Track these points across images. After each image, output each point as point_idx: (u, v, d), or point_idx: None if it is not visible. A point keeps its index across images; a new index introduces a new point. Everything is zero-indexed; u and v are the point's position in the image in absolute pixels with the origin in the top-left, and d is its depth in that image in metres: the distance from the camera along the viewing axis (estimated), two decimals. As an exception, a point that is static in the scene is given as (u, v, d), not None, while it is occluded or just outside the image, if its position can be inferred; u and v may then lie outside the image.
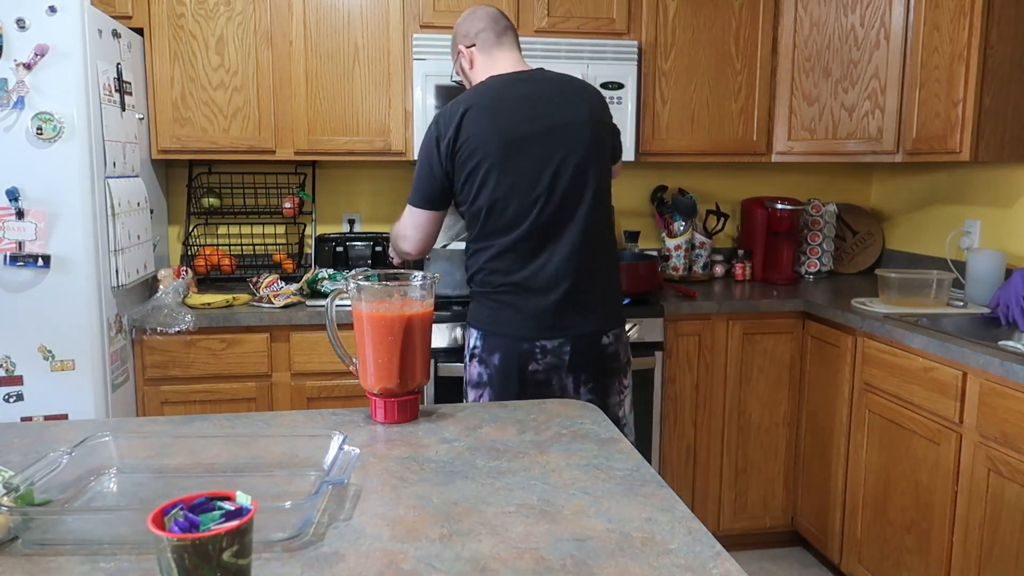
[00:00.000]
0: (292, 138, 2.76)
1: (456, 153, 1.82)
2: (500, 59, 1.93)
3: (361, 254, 2.93)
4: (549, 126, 1.84)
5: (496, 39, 1.94)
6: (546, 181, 1.82)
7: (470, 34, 1.96)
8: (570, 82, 1.93)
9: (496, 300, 1.85)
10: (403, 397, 1.34)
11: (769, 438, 2.83)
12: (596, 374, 1.88)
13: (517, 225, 1.82)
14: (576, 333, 1.85)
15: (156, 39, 2.65)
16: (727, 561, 0.86)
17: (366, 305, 1.31)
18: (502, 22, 1.97)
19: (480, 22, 1.95)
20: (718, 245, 3.36)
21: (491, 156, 1.80)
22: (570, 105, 1.87)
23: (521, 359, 1.83)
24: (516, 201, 1.81)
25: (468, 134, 1.80)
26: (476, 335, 1.89)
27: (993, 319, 2.35)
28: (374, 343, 1.31)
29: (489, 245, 1.85)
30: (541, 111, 1.84)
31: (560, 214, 1.83)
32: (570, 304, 1.84)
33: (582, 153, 1.85)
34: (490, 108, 1.82)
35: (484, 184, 1.81)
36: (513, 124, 1.82)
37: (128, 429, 1.34)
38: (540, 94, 1.86)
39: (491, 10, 1.98)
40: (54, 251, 2.15)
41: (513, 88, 1.86)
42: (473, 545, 0.89)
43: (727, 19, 2.94)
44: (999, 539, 1.93)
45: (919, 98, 2.62)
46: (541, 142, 1.83)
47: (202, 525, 0.71)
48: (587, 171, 1.85)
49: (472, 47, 1.96)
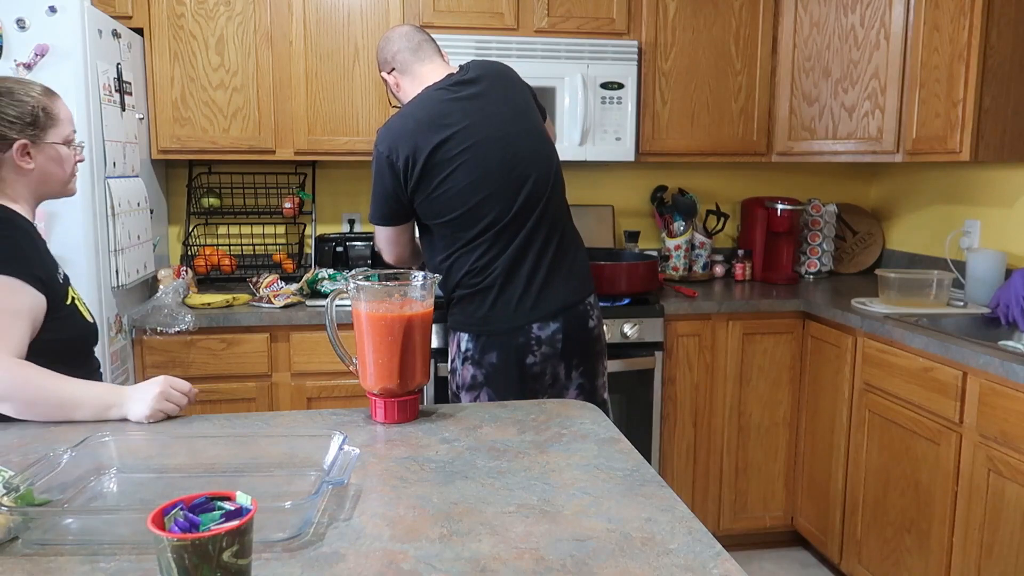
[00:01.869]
0: (292, 138, 2.76)
1: (414, 170, 1.83)
2: (424, 73, 1.94)
3: (361, 254, 2.93)
4: (503, 121, 1.88)
5: (413, 55, 1.95)
6: (515, 174, 1.87)
7: (387, 59, 1.98)
8: (498, 71, 1.95)
9: (487, 294, 1.88)
10: (403, 397, 1.34)
11: (769, 438, 2.83)
12: (584, 358, 1.96)
13: (496, 223, 1.86)
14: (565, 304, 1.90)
15: (156, 39, 2.65)
16: (727, 561, 0.86)
17: (366, 305, 1.31)
18: (415, 37, 1.97)
19: (394, 44, 1.97)
20: (718, 245, 3.36)
21: (458, 165, 1.82)
22: (510, 95, 1.92)
23: (519, 354, 1.87)
24: (494, 201, 1.85)
25: (427, 150, 1.81)
26: (466, 337, 1.91)
27: (993, 319, 2.35)
28: (374, 343, 1.31)
29: (471, 248, 1.87)
30: (490, 110, 1.87)
31: (532, 197, 1.88)
32: (554, 276, 1.90)
33: (535, 137, 1.93)
34: (442, 119, 1.83)
35: (456, 194, 1.84)
36: (470, 129, 1.84)
37: (128, 429, 1.34)
38: (480, 93, 1.88)
39: (403, 28, 1.99)
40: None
41: (455, 93, 1.87)
42: (473, 545, 0.89)
43: (727, 19, 2.94)
44: (999, 539, 1.93)
45: (919, 98, 2.62)
46: (498, 139, 1.86)
47: (202, 525, 0.72)
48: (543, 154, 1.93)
49: (393, 71, 1.98)
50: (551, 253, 1.91)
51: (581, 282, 1.97)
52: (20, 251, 1.39)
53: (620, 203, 3.33)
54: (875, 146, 2.79)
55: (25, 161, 1.48)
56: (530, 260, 1.88)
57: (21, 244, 1.40)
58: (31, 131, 1.48)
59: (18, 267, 1.36)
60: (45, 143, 1.50)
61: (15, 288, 1.35)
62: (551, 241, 1.91)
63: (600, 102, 2.81)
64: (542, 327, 1.88)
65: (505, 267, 1.86)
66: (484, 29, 2.77)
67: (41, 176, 1.51)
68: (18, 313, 1.35)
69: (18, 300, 1.35)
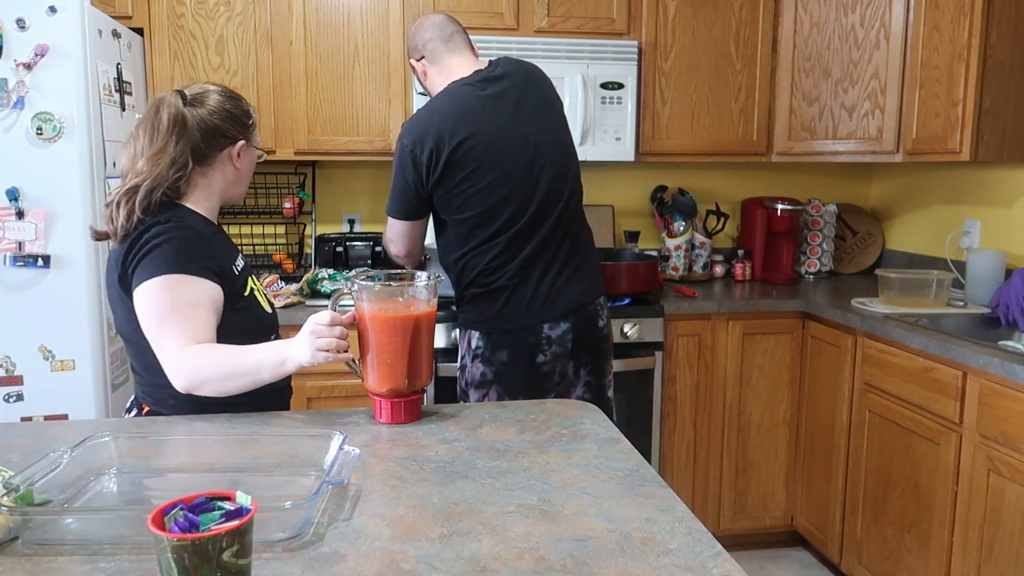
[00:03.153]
0: (292, 138, 2.76)
1: (438, 164, 1.82)
2: (453, 65, 1.93)
3: (361, 254, 2.93)
4: (525, 122, 1.87)
5: (444, 46, 1.94)
6: (533, 176, 1.87)
7: (418, 46, 1.97)
8: (527, 71, 1.95)
9: (499, 294, 1.88)
10: (408, 397, 1.34)
11: (769, 438, 2.83)
12: (593, 356, 1.97)
13: (512, 224, 1.85)
14: (576, 305, 1.91)
15: (156, 39, 2.65)
16: (727, 561, 0.86)
17: (371, 306, 1.31)
18: (448, 27, 1.96)
19: (426, 32, 1.96)
20: (718, 245, 3.36)
21: (481, 163, 1.82)
22: (538, 95, 1.92)
23: (530, 352, 1.88)
24: (511, 201, 1.85)
25: (451, 144, 1.81)
26: (477, 335, 1.91)
27: (993, 319, 2.35)
28: (379, 344, 1.31)
29: (487, 247, 1.87)
30: (514, 109, 1.87)
31: (548, 201, 1.89)
32: (567, 277, 1.91)
33: (557, 141, 1.93)
34: (468, 115, 1.82)
35: (476, 192, 1.83)
36: (494, 127, 1.84)
37: (128, 429, 1.34)
38: (506, 90, 1.88)
39: (437, 17, 1.99)
40: (54, 251, 2.15)
41: (481, 90, 1.86)
42: (473, 545, 0.89)
43: (727, 19, 2.93)
44: (999, 539, 1.93)
45: (919, 98, 2.62)
46: (521, 140, 1.86)
47: (202, 525, 0.72)
48: (564, 158, 1.94)
49: (422, 59, 1.97)
50: (564, 256, 1.92)
51: (592, 283, 1.98)
52: (189, 249, 1.41)
53: (620, 203, 3.33)
54: (875, 146, 2.79)
55: (237, 161, 1.53)
56: (544, 262, 1.89)
57: (190, 242, 1.42)
58: (247, 132, 1.54)
59: (189, 264, 1.40)
60: (252, 146, 1.56)
61: (190, 283, 1.39)
62: (564, 244, 1.92)
63: (600, 102, 2.81)
64: (553, 327, 1.89)
65: (519, 268, 1.87)
66: (484, 29, 2.77)
67: (237, 177, 1.56)
68: (198, 303, 1.39)
69: (194, 292, 1.39)
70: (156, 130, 1.44)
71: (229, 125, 1.49)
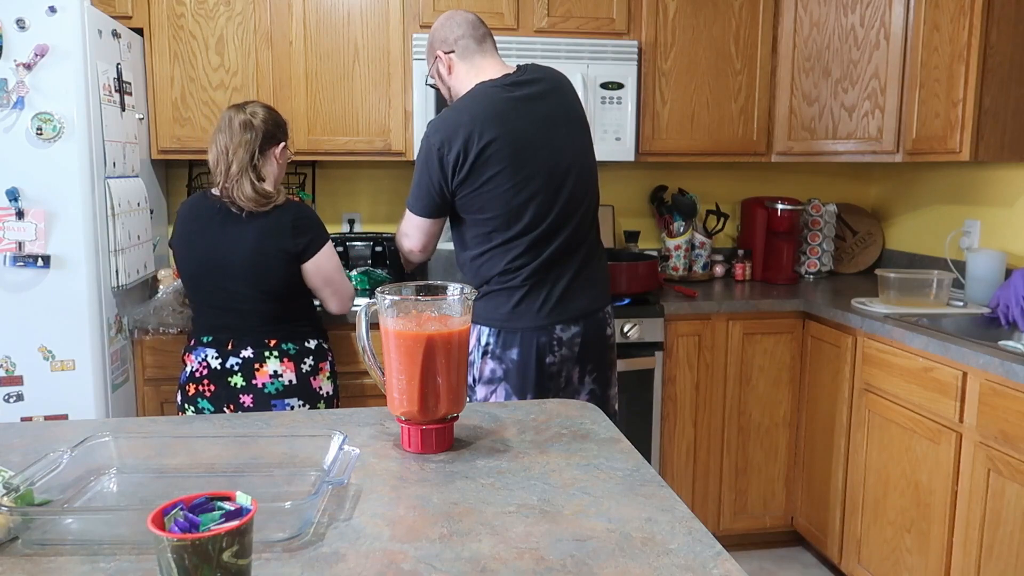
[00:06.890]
0: (292, 138, 2.75)
1: (464, 164, 1.83)
2: (484, 66, 1.94)
3: (361, 254, 2.93)
4: (552, 127, 1.89)
5: (478, 46, 1.95)
6: (559, 179, 1.88)
7: (448, 40, 1.96)
8: (554, 78, 1.96)
9: (514, 293, 1.89)
10: (429, 426, 1.18)
11: (769, 438, 2.83)
12: (598, 364, 1.98)
13: (533, 228, 1.87)
14: (585, 311, 1.93)
15: (156, 39, 2.65)
16: (727, 561, 0.86)
17: (392, 321, 1.17)
18: (481, 28, 1.97)
19: (459, 28, 1.95)
20: (718, 245, 3.36)
21: (506, 165, 1.83)
22: (565, 102, 1.94)
23: (540, 352, 1.89)
24: (534, 205, 1.86)
25: (478, 145, 1.81)
26: (488, 332, 1.92)
27: (993, 319, 2.35)
28: (390, 362, 1.18)
29: (506, 249, 1.89)
30: (543, 114, 1.89)
31: (570, 205, 1.91)
32: (579, 283, 1.93)
33: (580, 149, 1.95)
34: (497, 117, 1.83)
35: (500, 194, 1.85)
36: (521, 130, 1.85)
37: (128, 429, 1.34)
38: (535, 95, 1.89)
39: (469, 16, 1.98)
40: (54, 251, 2.15)
41: (510, 92, 1.87)
42: (473, 545, 0.89)
43: (727, 19, 2.93)
44: (999, 539, 1.93)
45: (919, 98, 2.62)
46: (546, 145, 1.88)
47: (202, 525, 0.71)
48: (586, 166, 1.96)
49: (451, 53, 1.96)
50: (580, 261, 1.93)
51: (601, 291, 2.00)
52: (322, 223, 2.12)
53: (620, 203, 3.33)
54: (875, 146, 2.79)
55: (282, 159, 2.11)
56: (559, 267, 1.91)
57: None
58: (286, 138, 2.14)
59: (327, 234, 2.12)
60: (287, 149, 2.14)
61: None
62: (581, 249, 1.94)
63: (600, 102, 2.81)
64: (564, 329, 1.91)
65: (537, 270, 1.89)
66: (484, 29, 2.77)
67: (279, 175, 2.13)
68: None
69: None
70: (231, 131, 2.02)
71: (276, 130, 2.08)
